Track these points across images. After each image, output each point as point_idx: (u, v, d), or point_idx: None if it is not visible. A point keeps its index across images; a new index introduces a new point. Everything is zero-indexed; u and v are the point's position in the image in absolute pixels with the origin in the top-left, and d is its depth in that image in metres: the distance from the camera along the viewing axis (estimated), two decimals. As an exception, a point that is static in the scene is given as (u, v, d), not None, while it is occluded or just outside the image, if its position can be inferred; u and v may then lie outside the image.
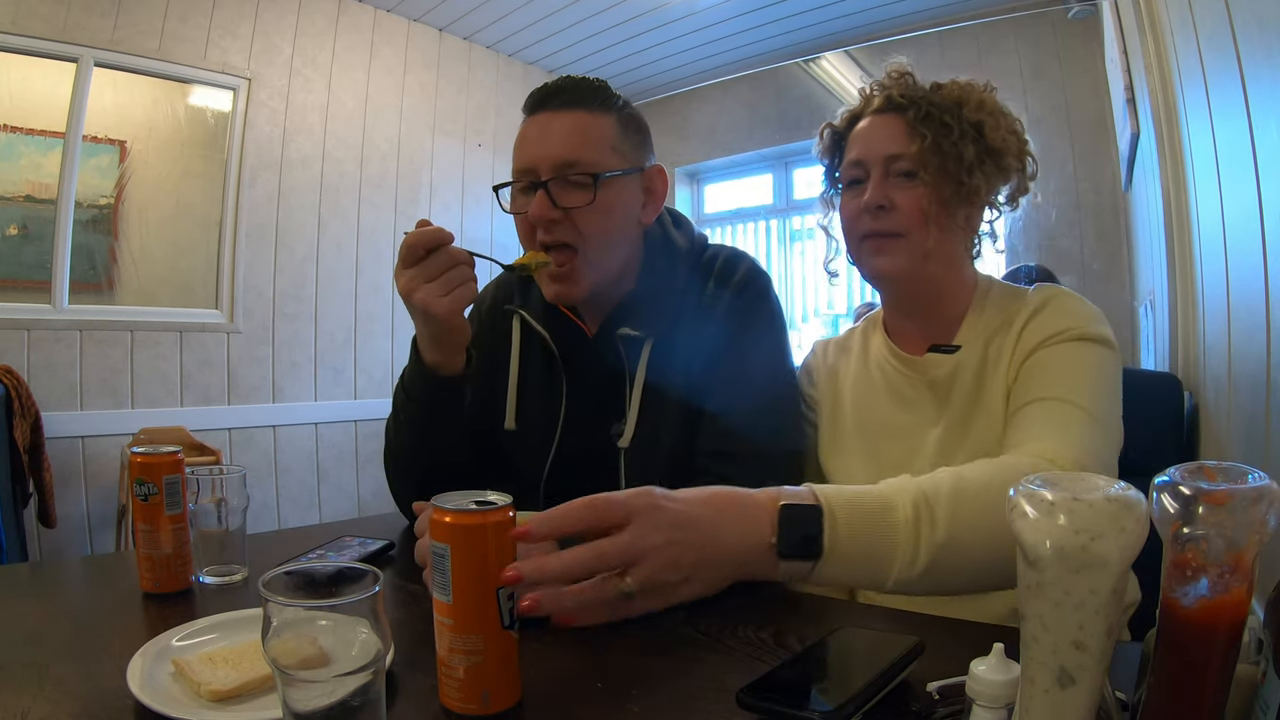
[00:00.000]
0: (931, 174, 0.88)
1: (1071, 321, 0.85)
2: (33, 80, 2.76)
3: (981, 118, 0.90)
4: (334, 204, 3.55)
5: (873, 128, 0.94)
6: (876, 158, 0.91)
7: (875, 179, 0.91)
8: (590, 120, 0.94)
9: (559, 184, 0.92)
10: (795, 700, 0.52)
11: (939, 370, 0.92)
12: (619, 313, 0.99)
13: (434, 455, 1.00)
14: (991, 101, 0.92)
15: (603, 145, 0.94)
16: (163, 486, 0.80)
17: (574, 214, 0.92)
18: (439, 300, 0.85)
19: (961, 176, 0.88)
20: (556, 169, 0.92)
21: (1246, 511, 0.35)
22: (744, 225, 4.68)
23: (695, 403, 0.95)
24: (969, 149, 0.88)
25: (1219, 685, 0.38)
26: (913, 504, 0.64)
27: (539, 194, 0.92)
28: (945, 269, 0.93)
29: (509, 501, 0.56)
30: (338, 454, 3.56)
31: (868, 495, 0.65)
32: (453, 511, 0.54)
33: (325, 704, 0.42)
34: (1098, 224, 3.16)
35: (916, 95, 0.92)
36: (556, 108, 0.93)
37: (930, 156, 0.88)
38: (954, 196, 0.88)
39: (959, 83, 0.93)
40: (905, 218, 0.90)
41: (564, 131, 0.92)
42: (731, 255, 1.03)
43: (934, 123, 0.89)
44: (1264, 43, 1.08)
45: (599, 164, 0.93)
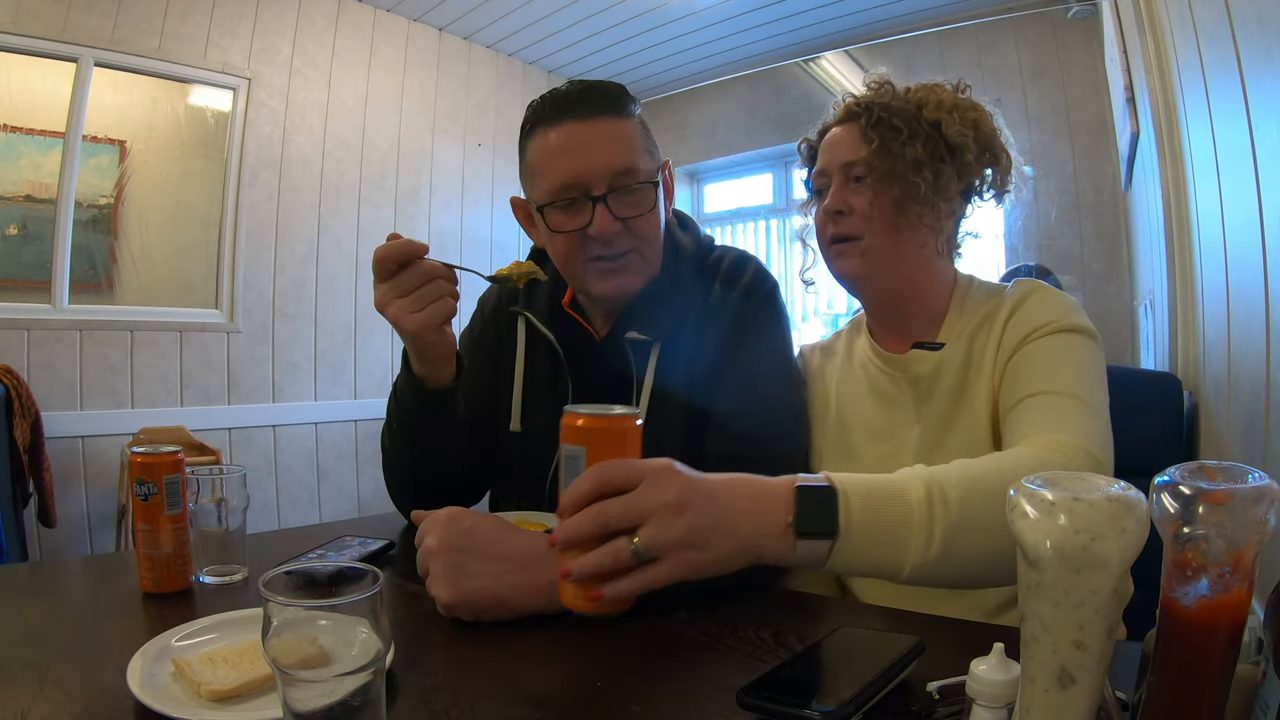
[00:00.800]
0: (878, 176, 0.90)
1: (1053, 314, 0.86)
2: (33, 80, 2.76)
3: (939, 116, 0.92)
4: (334, 204, 3.55)
5: (833, 138, 0.98)
6: (835, 165, 0.95)
7: (835, 185, 0.95)
8: (624, 126, 0.92)
9: (616, 196, 0.90)
10: (795, 700, 0.52)
11: (922, 367, 0.93)
12: (627, 315, 0.99)
13: (428, 464, 1.00)
14: (951, 99, 0.93)
15: (641, 149, 0.93)
16: (163, 486, 0.80)
17: (633, 222, 0.91)
18: (410, 316, 0.84)
19: (909, 175, 0.89)
20: (612, 180, 0.89)
21: (1246, 511, 0.35)
22: (744, 225, 4.68)
23: (702, 406, 0.95)
24: (917, 148, 0.90)
25: (1219, 685, 0.38)
26: (924, 486, 0.64)
27: (600, 210, 0.89)
28: (913, 268, 0.94)
29: (636, 411, 0.61)
30: (338, 454, 3.56)
31: (880, 478, 0.65)
32: (586, 415, 0.59)
33: (325, 704, 0.42)
34: (1098, 224, 3.15)
35: (873, 102, 0.95)
36: (585, 116, 0.90)
37: (877, 159, 0.90)
38: (905, 196, 0.90)
39: (926, 85, 0.96)
40: (860, 221, 0.93)
41: (608, 140, 0.90)
42: (738, 257, 1.03)
43: (883, 126, 0.91)
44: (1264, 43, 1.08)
45: (649, 170, 0.93)
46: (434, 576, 0.71)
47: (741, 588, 0.83)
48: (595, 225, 0.89)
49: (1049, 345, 0.85)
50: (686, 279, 1.00)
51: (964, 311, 0.94)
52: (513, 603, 0.71)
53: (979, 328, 0.92)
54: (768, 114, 4.32)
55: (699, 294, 0.99)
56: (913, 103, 0.94)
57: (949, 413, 0.91)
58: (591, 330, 1.03)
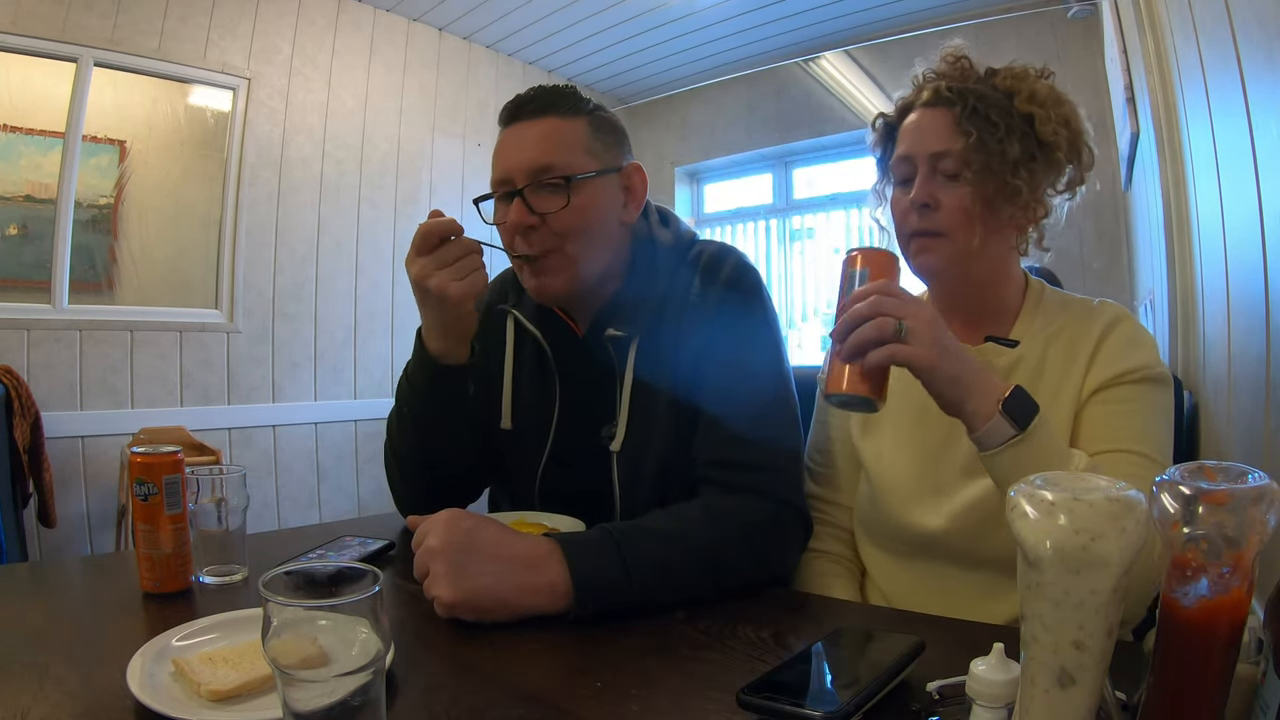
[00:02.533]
0: (975, 173, 0.86)
1: (1147, 357, 0.87)
2: (32, 80, 2.76)
3: (1032, 109, 0.88)
4: (334, 203, 3.55)
5: (921, 122, 0.92)
6: (923, 154, 0.90)
7: (921, 176, 0.90)
8: (561, 125, 0.94)
9: (534, 190, 0.92)
10: (795, 700, 0.52)
11: (997, 361, 0.91)
12: (606, 312, 0.99)
13: (434, 450, 1.00)
14: (1044, 90, 0.89)
15: (575, 148, 0.94)
16: (163, 486, 0.80)
17: (550, 219, 0.92)
18: (454, 284, 0.88)
19: (1006, 175, 0.86)
20: (530, 175, 0.92)
21: (1246, 511, 0.35)
22: (744, 225, 4.67)
23: (688, 404, 0.95)
24: (1015, 146, 0.86)
25: (1219, 685, 0.38)
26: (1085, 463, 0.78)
27: (515, 202, 0.92)
28: (992, 267, 0.92)
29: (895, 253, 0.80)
30: (338, 454, 3.56)
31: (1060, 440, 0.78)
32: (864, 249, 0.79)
33: (325, 704, 0.42)
34: (1098, 224, 3.15)
35: (966, 88, 0.89)
36: (528, 116, 0.95)
37: (975, 155, 0.86)
38: (999, 195, 0.87)
39: (1013, 70, 0.91)
40: (948, 217, 0.88)
41: (535, 138, 0.94)
42: (718, 251, 1.01)
43: (980, 119, 0.87)
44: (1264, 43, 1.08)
45: (571, 166, 0.93)
46: (435, 576, 0.71)
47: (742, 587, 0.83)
48: (510, 216, 0.92)
49: (1141, 396, 0.87)
50: (665, 274, 0.99)
51: (1039, 314, 0.93)
52: (515, 602, 0.71)
53: (1057, 335, 0.91)
54: (768, 114, 4.32)
55: (679, 289, 0.98)
56: (1002, 89, 0.89)
57: None
58: (574, 327, 1.03)
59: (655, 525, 0.82)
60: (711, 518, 0.84)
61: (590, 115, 0.97)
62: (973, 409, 0.74)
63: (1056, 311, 0.93)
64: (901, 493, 0.93)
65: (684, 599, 0.78)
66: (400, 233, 3.75)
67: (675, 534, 0.81)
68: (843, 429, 1.03)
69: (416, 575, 0.73)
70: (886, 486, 0.95)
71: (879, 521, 0.96)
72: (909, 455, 0.94)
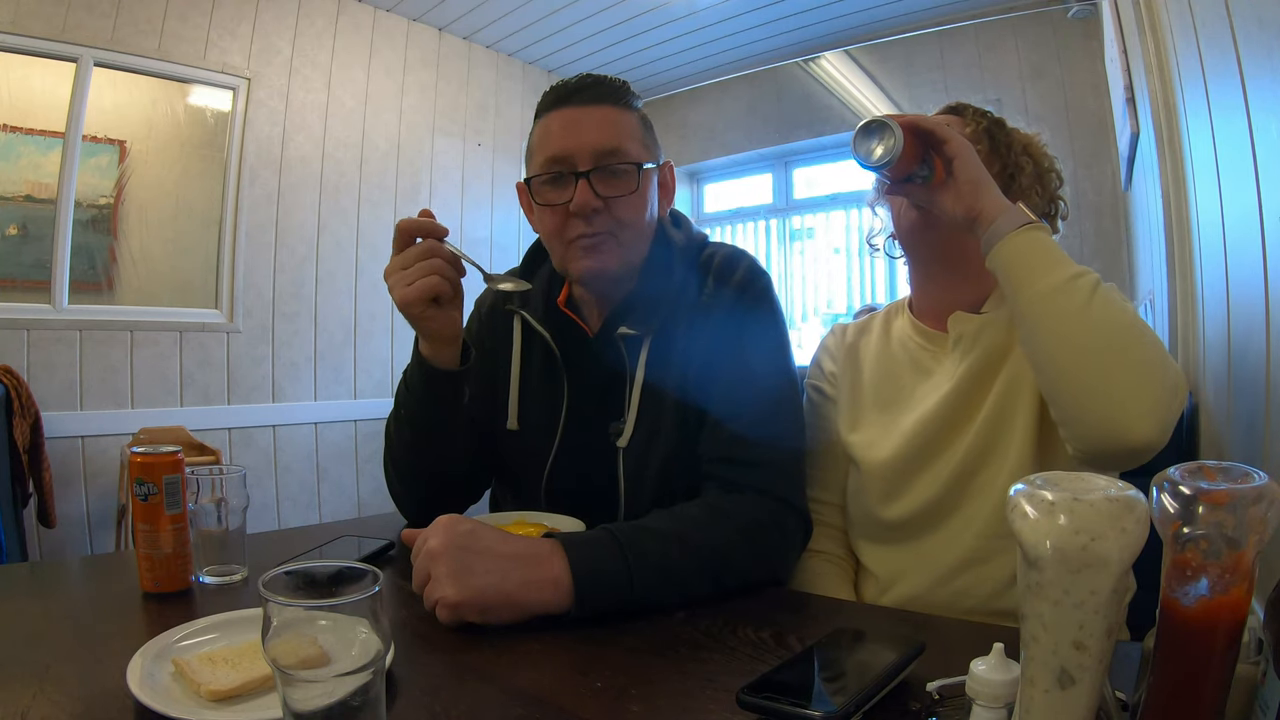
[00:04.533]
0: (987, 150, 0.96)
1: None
2: (32, 80, 2.76)
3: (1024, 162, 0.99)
4: (334, 203, 3.55)
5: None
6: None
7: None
8: (620, 114, 0.96)
9: (599, 174, 0.92)
10: (795, 700, 0.52)
11: (965, 326, 0.95)
12: (619, 312, 0.99)
13: (431, 454, 1.00)
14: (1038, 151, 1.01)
15: (634, 139, 0.95)
16: (163, 486, 0.80)
17: (613, 203, 0.93)
18: (399, 288, 0.88)
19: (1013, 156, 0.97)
20: (597, 158, 0.92)
21: (1246, 511, 0.35)
22: (744, 225, 4.67)
23: (696, 403, 0.95)
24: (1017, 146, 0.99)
25: (1219, 685, 0.38)
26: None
27: (581, 184, 0.91)
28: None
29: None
30: (338, 454, 3.56)
31: None
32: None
33: (325, 704, 0.42)
34: (1098, 224, 3.15)
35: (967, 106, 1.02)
36: (584, 102, 0.94)
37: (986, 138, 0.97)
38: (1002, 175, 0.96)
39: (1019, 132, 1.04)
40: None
41: (600, 122, 0.93)
42: (731, 253, 1.02)
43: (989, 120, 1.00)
44: (1264, 43, 1.08)
45: (638, 154, 0.95)
46: (438, 578, 0.71)
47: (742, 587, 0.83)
48: (576, 199, 0.92)
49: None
50: (678, 275, 1.00)
51: None
52: (521, 599, 0.70)
53: None
54: (768, 114, 4.32)
55: (691, 290, 0.99)
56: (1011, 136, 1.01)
57: (991, 370, 0.93)
58: (585, 327, 1.03)
59: (656, 525, 0.82)
60: (713, 518, 0.84)
61: (639, 110, 0.99)
62: (990, 201, 0.80)
63: None
64: (893, 475, 0.97)
65: (684, 598, 0.78)
66: (400, 233, 3.75)
67: (676, 533, 0.81)
68: (830, 430, 1.05)
69: (415, 585, 0.73)
70: (878, 471, 0.98)
71: (870, 508, 0.99)
72: (899, 440, 0.97)
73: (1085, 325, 0.74)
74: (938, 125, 0.82)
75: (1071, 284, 0.77)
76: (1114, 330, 0.74)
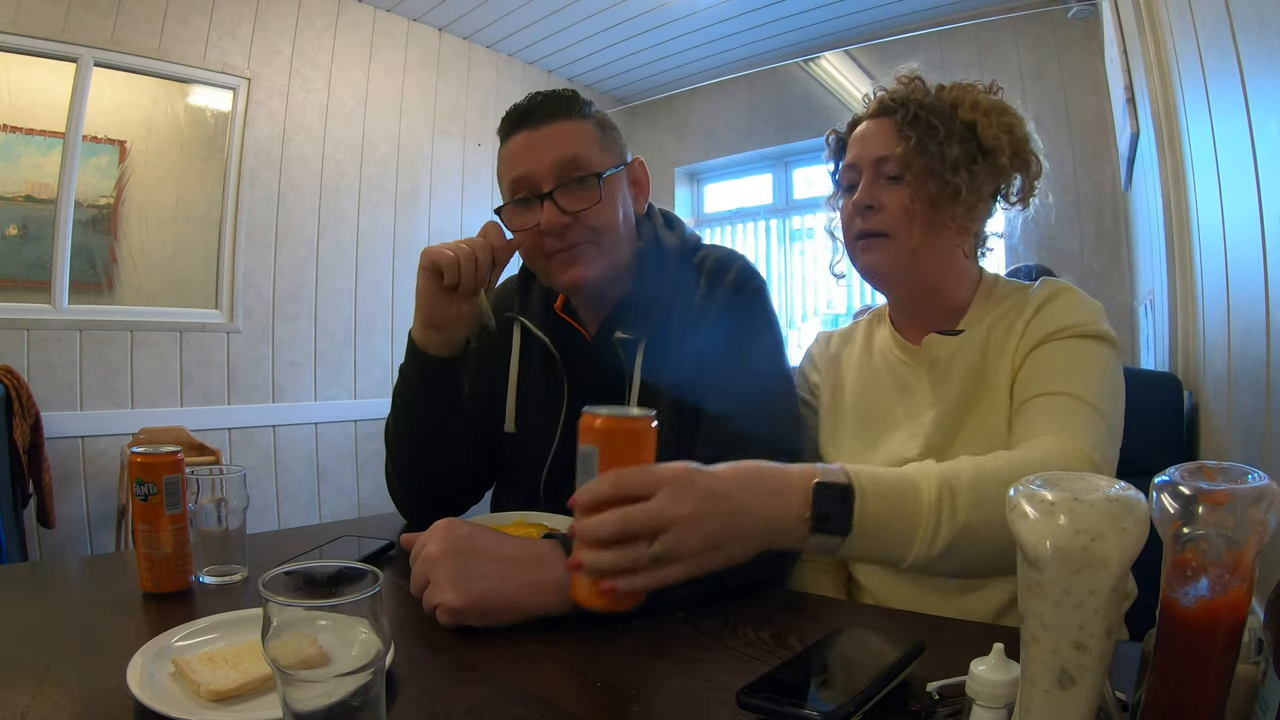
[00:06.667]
0: (915, 174, 0.90)
1: (1079, 317, 0.87)
2: (32, 80, 2.76)
3: (975, 117, 0.92)
4: (334, 204, 3.55)
5: (866, 131, 0.96)
6: (867, 160, 0.94)
7: (866, 180, 0.94)
8: (574, 126, 0.96)
9: (562, 191, 0.93)
10: (795, 700, 0.52)
11: (940, 350, 0.93)
12: (615, 315, 1.00)
13: (430, 449, 1.01)
14: (988, 101, 0.93)
15: (593, 147, 0.96)
16: (163, 486, 0.80)
17: (582, 215, 0.94)
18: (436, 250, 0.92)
19: (946, 175, 0.89)
20: (557, 175, 0.93)
21: (1246, 511, 0.35)
22: (744, 225, 4.67)
23: (692, 405, 0.96)
24: (955, 148, 0.89)
25: (1219, 685, 0.38)
26: (937, 488, 0.66)
27: (547, 204, 0.93)
28: (939, 265, 0.94)
29: (652, 414, 0.62)
30: (338, 454, 3.56)
31: (896, 475, 0.67)
32: (603, 416, 0.60)
33: (325, 704, 0.42)
34: (1098, 224, 3.15)
35: (908, 98, 0.94)
36: (538, 122, 0.95)
37: (915, 157, 0.90)
38: (940, 195, 0.90)
39: (960, 84, 0.95)
40: (891, 218, 0.92)
41: (555, 140, 0.94)
42: (723, 256, 1.03)
43: (920, 124, 0.91)
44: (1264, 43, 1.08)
45: (596, 163, 0.95)
46: (438, 582, 0.70)
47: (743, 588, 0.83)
48: (544, 220, 0.93)
49: (1070, 347, 0.86)
50: (672, 277, 1.01)
51: (988, 304, 0.95)
52: (522, 602, 0.70)
53: (1001, 317, 0.92)
54: (768, 114, 4.32)
55: (685, 292, 1.00)
56: (947, 101, 0.94)
57: (967, 396, 0.91)
58: (583, 331, 1.04)
59: None
60: None
61: (594, 116, 0.99)
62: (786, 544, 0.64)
63: (1003, 297, 0.95)
64: None
65: (683, 598, 0.78)
66: (400, 233, 3.76)
67: None
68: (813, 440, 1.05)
69: (414, 589, 0.73)
70: None
71: None
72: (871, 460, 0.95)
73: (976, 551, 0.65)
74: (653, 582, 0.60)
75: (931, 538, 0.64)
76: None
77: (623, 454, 0.59)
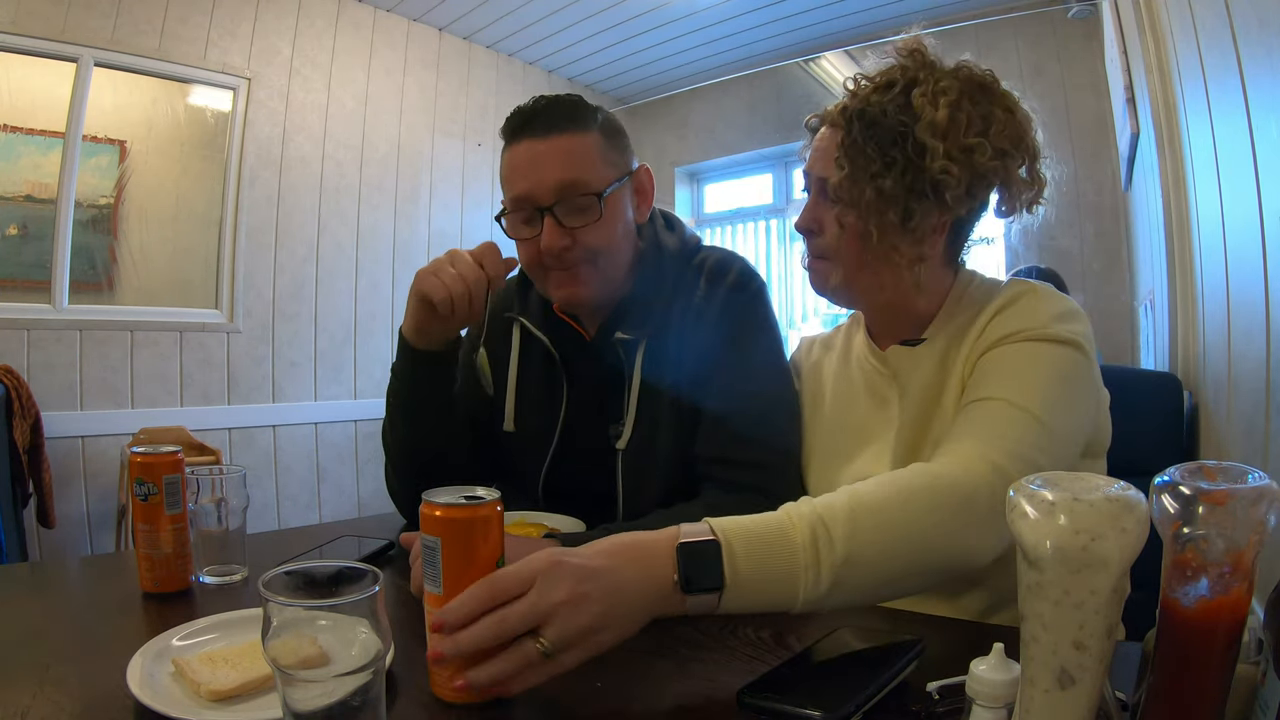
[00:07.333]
0: (846, 206, 0.84)
1: (1030, 321, 0.80)
2: (32, 80, 2.76)
3: (926, 140, 0.81)
4: (334, 204, 3.55)
5: (820, 141, 0.90)
6: (814, 175, 0.90)
7: (810, 199, 0.90)
8: (576, 140, 0.94)
9: (562, 208, 0.92)
10: (795, 700, 0.52)
11: (901, 362, 0.89)
12: (615, 316, 1.00)
13: (426, 445, 1.01)
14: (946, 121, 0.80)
15: (595, 162, 0.94)
16: (163, 486, 0.80)
17: (580, 234, 0.93)
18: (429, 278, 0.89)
19: (875, 211, 0.82)
20: (558, 193, 0.92)
21: (1246, 511, 0.35)
22: (744, 225, 4.67)
23: (692, 405, 0.96)
24: (890, 182, 0.81)
25: (1219, 685, 0.38)
26: (809, 527, 0.63)
27: (547, 222, 0.92)
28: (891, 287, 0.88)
29: (497, 496, 0.58)
30: (338, 454, 3.56)
31: (764, 523, 0.64)
32: (443, 506, 0.56)
33: (325, 704, 0.42)
34: (1098, 224, 3.15)
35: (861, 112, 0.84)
36: (540, 133, 0.93)
37: (846, 189, 0.83)
38: (866, 233, 0.83)
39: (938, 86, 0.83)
40: (830, 243, 0.88)
41: (555, 154, 0.92)
42: (723, 257, 1.03)
43: (856, 152, 0.82)
44: (1264, 42, 1.08)
45: (598, 181, 0.93)
46: None
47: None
48: (544, 239, 0.93)
49: (1015, 352, 0.80)
50: (671, 278, 1.01)
51: (955, 310, 0.90)
52: None
53: (963, 325, 0.87)
54: (768, 114, 4.32)
55: (685, 293, 1.00)
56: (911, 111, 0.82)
57: (924, 411, 0.87)
58: (583, 332, 1.04)
59: (655, 525, 0.82)
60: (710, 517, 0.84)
61: (600, 126, 0.96)
62: (667, 611, 0.61)
63: (971, 302, 0.89)
64: None
65: None
66: (400, 233, 3.76)
67: None
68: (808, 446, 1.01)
69: (414, 590, 0.73)
70: None
71: None
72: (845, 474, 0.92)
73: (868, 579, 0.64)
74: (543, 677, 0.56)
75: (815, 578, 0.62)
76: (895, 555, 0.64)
77: (467, 544, 0.56)
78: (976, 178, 0.82)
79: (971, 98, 0.82)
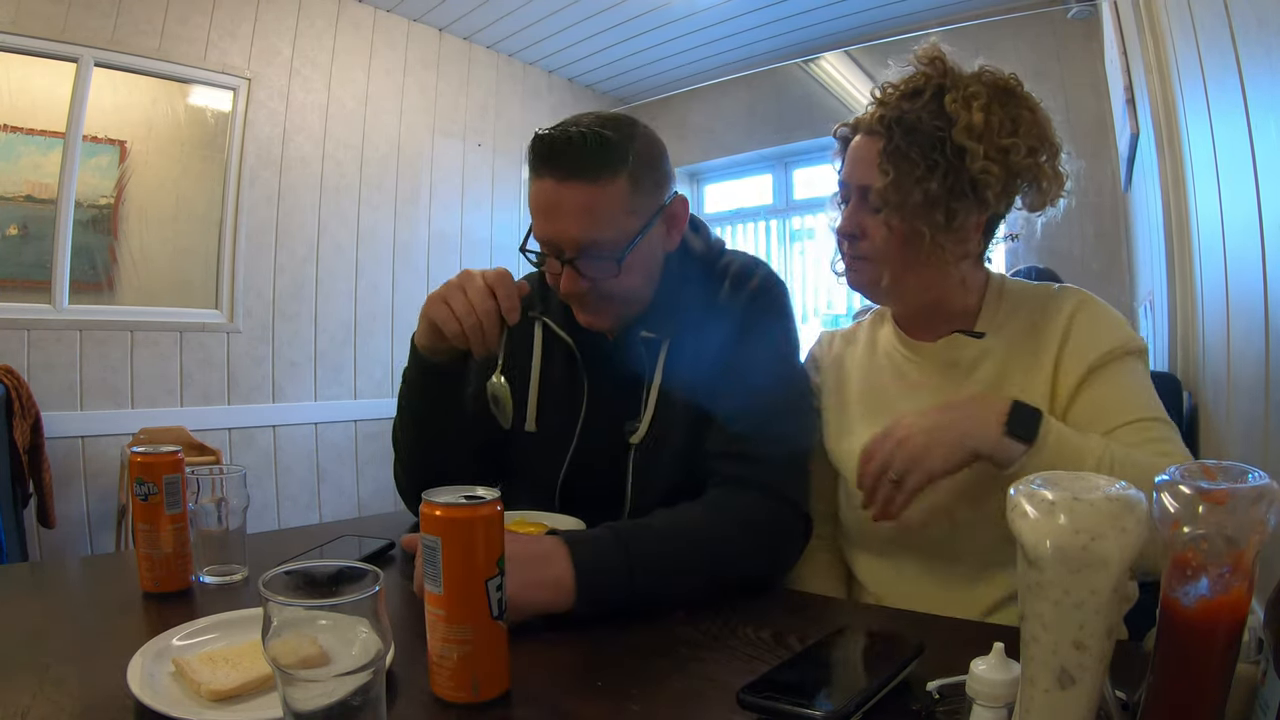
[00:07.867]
0: (892, 211, 0.88)
1: (1120, 334, 0.89)
2: (33, 80, 2.76)
3: (965, 143, 0.86)
4: (334, 204, 3.55)
5: (856, 149, 0.94)
6: (854, 183, 0.93)
7: (852, 205, 0.94)
8: (599, 194, 0.88)
9: (582, 261, 0.91)
10: (795, 700, 0.52)
11: (963, 352, 0.94)
12: (639, 317, 1.01)
13: (435, 451, 1.01)
14: (982, 124, 0.86)
15: (618, 216, 0.90)
16: (163, 486, 0.80)
17: (600, 284, 0.93)
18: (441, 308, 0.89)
19: (924, 213, 0.87)
20: (576, 250, 0.91)
21: (1246, 511, 0.35)
22: (744, 225, 4.67)
23: (707, 404, 0.96)
24: (932, 184, 0.86)
25: (1219, 685, 0.38)
26: (1102, 446, 0.79)
27: (567, 271, 0.92)
28: (934, 285, 0.94)
29: (497, 496, 0.58)
30: (338, 454, 3.56)
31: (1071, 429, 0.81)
32: (443, 505, 0.56)
33: (325, 704, 0.42)
34: (1098, 224, 3.15)
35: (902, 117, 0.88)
36: (561, 175, 0.88)
37: (891, 194, 0.87)
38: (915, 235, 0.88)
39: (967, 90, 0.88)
40: (873, 246, 0.92)
41: (575, 209, 0.88)
42: (747, 261, 1.04)
43: (899, 157, 0.87)
44: (1263, 42, 1.08)
45: (618, 239, 0.90)
46: None
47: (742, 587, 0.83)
48: (563, 286, 0.93)
49: (1128, 370, 0.88)
50: (696, 280, 1.02)
51: (1001, 306, 0.95)
52: (523, 600, 0.70)
53: (1022, 324, 0.93)
54: (768, 114, 4.31)
55: (708, 295, 1.01)
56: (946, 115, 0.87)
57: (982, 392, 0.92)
58: (604, 331, 1.04)
59: (658, 522, 0.83)
60: (713, 515, 0.85)
61: (630, 167, 0.89)
62: (986, 449, 0.78)
63: (1019, 301, 0.95)
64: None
65: (685, 594, 0.78)
66: (400, 233, 3.76)
67: (677, 531, 0.82)
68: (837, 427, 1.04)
69: (417, 589, 0.73)
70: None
71: (858, 521, 0.98)
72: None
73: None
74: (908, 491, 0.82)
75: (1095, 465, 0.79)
76: None
77: (468, 543, 0.56)
78: (1012, 176, 0.88)
79: (1000, 100, 0.88)
